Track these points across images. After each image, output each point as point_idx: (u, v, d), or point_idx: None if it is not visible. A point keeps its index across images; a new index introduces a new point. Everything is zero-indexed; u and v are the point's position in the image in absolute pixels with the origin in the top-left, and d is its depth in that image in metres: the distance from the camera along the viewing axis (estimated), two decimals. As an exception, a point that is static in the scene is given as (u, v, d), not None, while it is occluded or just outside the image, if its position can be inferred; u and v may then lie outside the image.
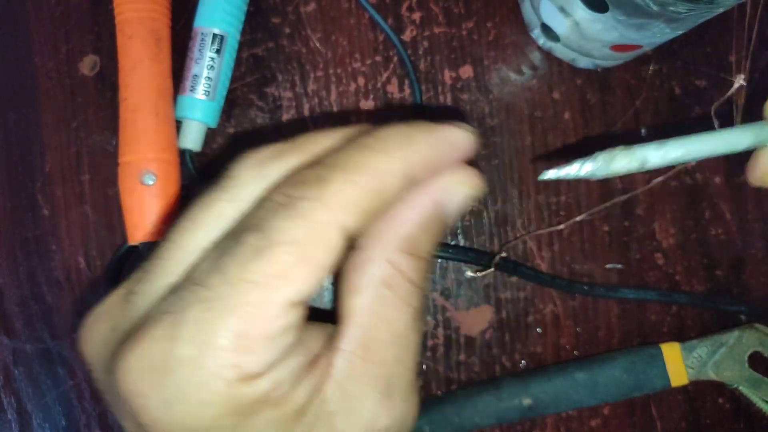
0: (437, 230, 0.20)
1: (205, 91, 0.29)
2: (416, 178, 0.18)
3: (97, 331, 0.19)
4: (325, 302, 0.29)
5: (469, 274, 0.31)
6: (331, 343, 0.18)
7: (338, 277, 0.19)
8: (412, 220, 0.19)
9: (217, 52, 0.29)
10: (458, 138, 0.19)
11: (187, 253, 0.18)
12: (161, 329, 0.16)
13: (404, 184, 0.18)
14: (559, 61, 0.32)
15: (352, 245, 0.19)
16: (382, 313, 0.18)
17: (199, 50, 0.29)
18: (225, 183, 0.18)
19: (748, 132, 0.19)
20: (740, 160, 0.32)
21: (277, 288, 0.16)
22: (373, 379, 0.18)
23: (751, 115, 0.32)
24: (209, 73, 0.29)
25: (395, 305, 0.18)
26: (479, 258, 0.31)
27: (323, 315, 0.20)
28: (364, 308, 0.18)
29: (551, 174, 0.20)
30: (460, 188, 0.20)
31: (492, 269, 0.31)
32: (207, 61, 0.29)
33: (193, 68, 0.29)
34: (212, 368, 0.16)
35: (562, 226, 0.31)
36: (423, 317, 0.20)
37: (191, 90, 0.29)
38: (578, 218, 0.31)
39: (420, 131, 0.19)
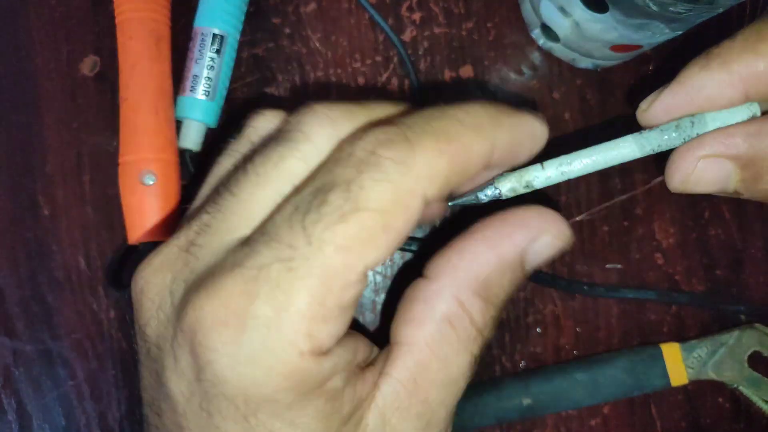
0: (515, 279, 0.18)
1: (205, 91, 0.29)
2: (493, 164, 0.17)
3: (157, 281, 0.17)
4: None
5: (469, 274, 0.31)
6: (379, 365, 0.17)
7: (398, 300, 0.18)
8: (491, 262, 0.18)
9: (217, 52, 0.29)
10: (537, 128, 0.18)
11: (257, 207, 0.17)
12: (239, 284, 0.15)
13: (484, 166, 0.17)
14: (559, 61, 0.32)
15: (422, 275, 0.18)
16: (440, 351, 0.17)
17: (199, 50, 0.29)
18: (297, 139, 0.17)
19: (630, 142, 0.19)
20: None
21: (361, 254, 0.15)
22: (415, 416, 0.17)
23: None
24: (209, 73, 0.29)
25: (454, 347, 0.17)
26: (479, 258, 0.31)
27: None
28: (422, 341, 0.17)
29: (456, 202, 0.20)
30: (550, 240, 0.18)
31: (492, 269, 0.31)
32: (207, 61, 0.29)
33: (193, 68, 0.29)
34: (288, 334, 0.15)
35: (562, 226, 0.31)
36: (475, 368, 0.19)
37: (191, 90, 0.29)
38: (578, 218, 0.32)
39: (507, 115, 0.17)
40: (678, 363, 0.30)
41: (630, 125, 0.20)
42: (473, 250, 0.18)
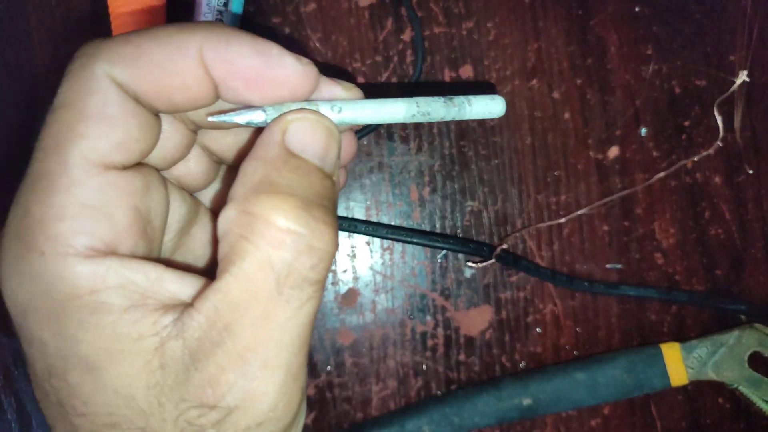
0: (298, 166, 0.17)
1: (205, 90, 0.29)
2: (222, 76, 0.16)
3: None
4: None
5: (470, 264, 0.31)
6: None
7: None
8: (262, 157, 0.17)
9: (217, 52, 0.29)
10: (290, 64, 0.17)
11: None
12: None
13: (198, 69, 0.16)
14: (558, 60, 0.32)
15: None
16: (239, 271, 0.15)
17: (199, 50, 0.29)
18: None
19: (402, 104, 0.19)
20: (740, 160, 0.32)
21: (66, 148, 0.16)
22: (215, 344, 0.15)
23: (751, 113, 0.32)
24: (209, 73, 0.29)
25: (254, 259, 0.15)
26: (479, 250, 0.31)
27: None
28: (224, 269, 0.16)
29: (219, 117, 0.18)
30: (302, 122, 0.17)
31: (492, 260, 0.31)
32: (207, 61, 0.29)
33: (193, 68, 0.29)
34: (25, 237, 0.15)
35: (563, 220, 0.31)
36: (314, 282, 0.16)
37: (191, 90, 0.29)
38: (580, 212, 0.31)
39: (241, 36, 0.17)
40: (678, 363, 0.30)
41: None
42: (243, 167, 0.17)
